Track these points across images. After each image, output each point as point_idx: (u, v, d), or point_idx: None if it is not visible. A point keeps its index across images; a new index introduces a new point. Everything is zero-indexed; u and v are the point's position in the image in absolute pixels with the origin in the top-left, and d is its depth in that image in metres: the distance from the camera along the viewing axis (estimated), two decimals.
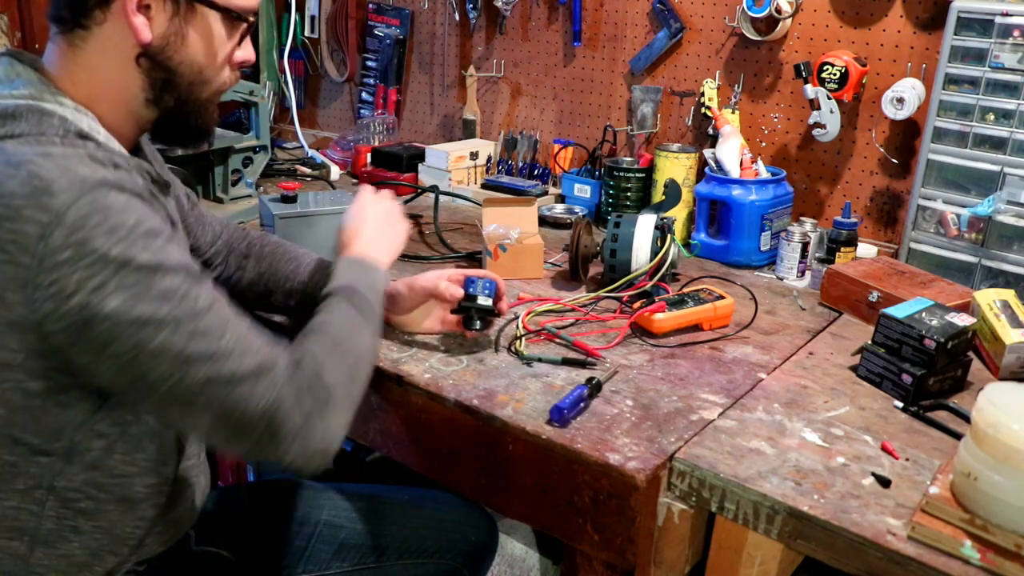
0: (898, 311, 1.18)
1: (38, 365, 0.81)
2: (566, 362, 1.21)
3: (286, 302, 1.30)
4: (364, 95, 2.62)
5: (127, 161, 0.88)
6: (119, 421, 0.89)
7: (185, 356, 0.79)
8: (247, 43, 1.00)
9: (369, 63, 2.57)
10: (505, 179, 2.13)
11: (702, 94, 1.90)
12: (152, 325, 0.77)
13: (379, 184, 2.11)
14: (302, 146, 2.34)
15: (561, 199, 2.07)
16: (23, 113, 0.83)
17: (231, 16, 0.94)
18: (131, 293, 0.76)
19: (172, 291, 0.79)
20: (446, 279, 1.24)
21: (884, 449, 1.02)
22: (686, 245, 1.76)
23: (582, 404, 1.08)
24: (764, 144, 1.88)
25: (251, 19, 0.97)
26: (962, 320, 1.15)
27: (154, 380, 0.79)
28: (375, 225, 1.17)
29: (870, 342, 1.20)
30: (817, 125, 1.70)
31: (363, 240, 1.14)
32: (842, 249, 1.56)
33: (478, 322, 1.21)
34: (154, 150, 1.10)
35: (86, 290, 0.75)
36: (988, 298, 1.29)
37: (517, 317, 1.35)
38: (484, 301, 1.21)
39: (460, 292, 1.23)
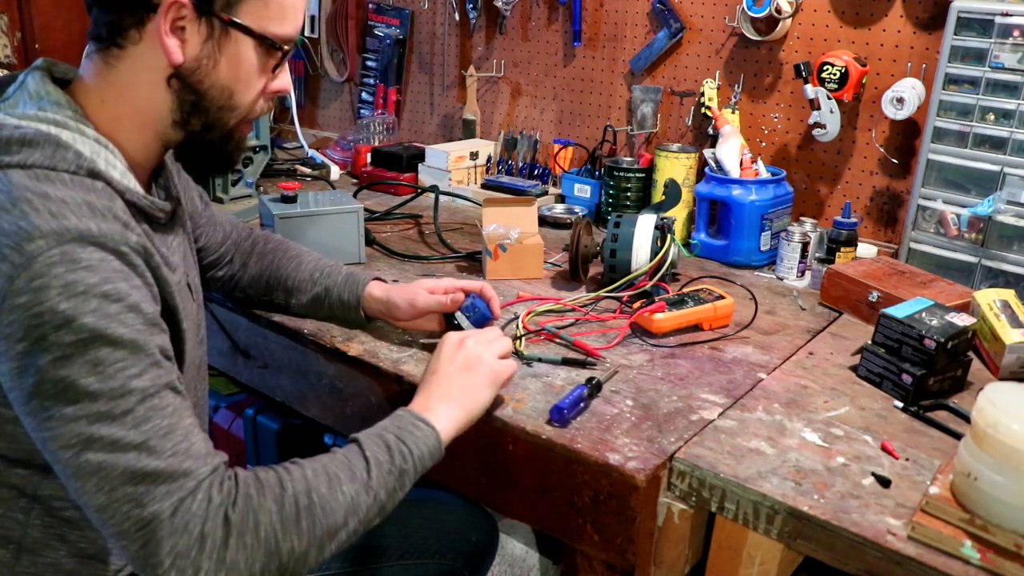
0: (898, 311, 1.18)
1: (4, 396, 0.81)
2: (566, 362, 1.21)
3: (286, 299, 1.31)
4: (364, 95, 2.62)
5: (132, 206, 0.88)
6: None
7: (88, 434, 0.75)
8: (284, 72, 0.97)
9: (369, 63, 2.57)
10: (505, 179, 2.13)
11: (702, 94, 1.90)
12: (73, 390, 0.75)
13: (378, 184, 2.13)
14: (302, 146, 2.34)
15: (561, 199, 2.07)
16: (40, 142, 0.82)
17: (266, 44, 0.92)
18: (64, 353, 0.74)
19: (104, 363, 0.76)
20: (442, 291, 1.25)
21: (884, 449, 1.02)
22: (686, 245, 1.76)
23: (582, 404, 1.08)
24: (764, 144, 1.88)
25: (287, 48, 0.94)
26: (962, 320, 1.15)
27: (58, 447, 0.76)
28: (447, 376, 1.02)
29: (870, 342, 1.20)
30: (817, 125, 1.70)
31: (429, 394, 1.01)
32: (842, 249, 1.56)
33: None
34: (177, 164, 1.10)
35: (30, 339, 0.74)
36: (988, 298, 1.29)
37: (517, 317, 1.35)
38: (466, 327, 1.23)
39: (461, 298, 1.24)
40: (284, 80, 0.98)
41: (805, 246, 1.60)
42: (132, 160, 0.91)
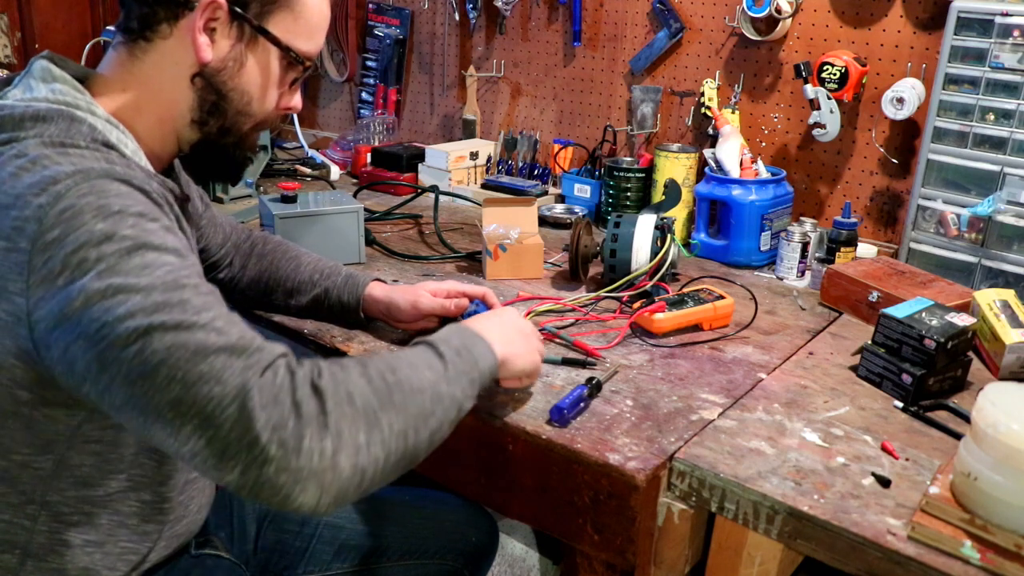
0: (898, 311, 1.18)
1: (25, 374, 0.80)
2: (566, 362, 1.21)
3: (286, 301, 1.31)
4: (364, 95, 2.62)
5: (146, 172, 0.87)
6: (111, 440, 0.88)
7: (147, 323, 0.70)
8: (297, 92, 1.01)
9: (369, 63, 2.57)
10: (505, 179, 2.14)
11: (702, 94, 1.90)
12: (123, 292, 0.71)
13: (378, 184, 2.13)
14: (302, 146, 2.35)
15: (561, 199, 2.07)
16: (54, 117, 0.83)
17: (290, 56, 0.95)
18: (108, 264, 0.72)
19: (152, 264, 0.73)
20: (444, 294, 1.26)
21: (884, 449, 1.02)
22: (686, 245, 1.76)
23: (582, 404, 1.08)
24: (764, 144, 1.88)
25: (307, 64, 0.98)
26: (962, 320, 1.15)
27: (115, 358, 0.70)
28: (500, 323, 1.01)
29: (870, 342, 1.20)
30: (817, 125, 1.70)
31: (481, 325, 0.99)
32: (842, 249, 1.56)
33: None
34: (180, 167, 1.11)
35: (70, 267, 0.72)
36: (988, 298, 1.29)
37: None
38: None
39: (466, 303, 1.24)
40: (297, 99, 1.01)
41: (805, 246, 1.60)
42: (147, 149, 0.93)
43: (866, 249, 1.64)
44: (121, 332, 0.70)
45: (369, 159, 2.27)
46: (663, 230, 1.47)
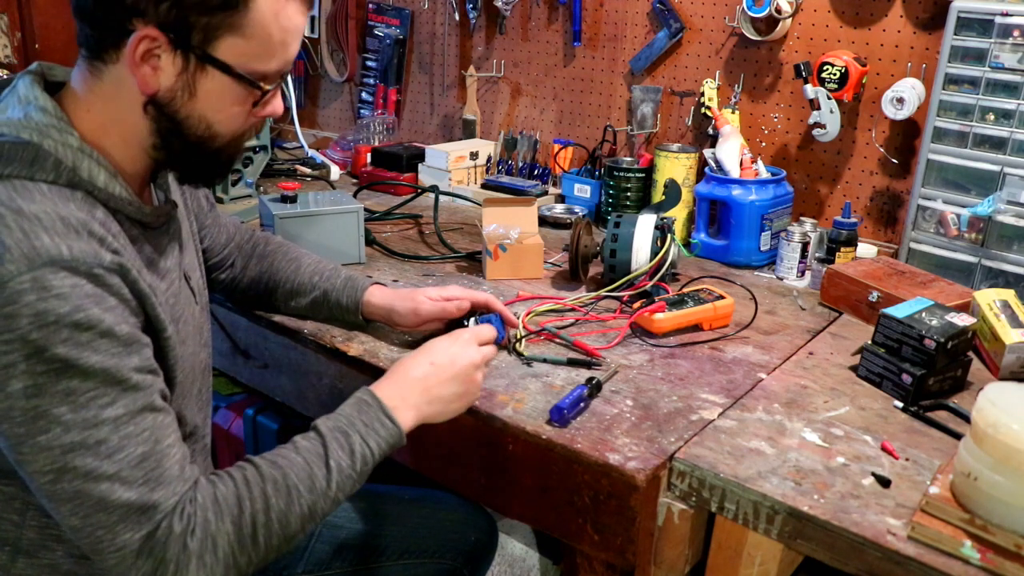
0: (898, 311, 1.18)
1: None
2: (571, 363, 1.21)
3: (286, 302, 1.32)
4: (364, 95, 2.62)
5: (118, 213, 0.87)
6: None
7: (63, 463, 0.77)
8: (276, 98, 0.94)
9: (369, 63, 2.57)
10: (505, 179, 2.13)
11: (702, 94, 1.90)
12: (44, 419, 0.76)
13: (378, 184, 2.13)
14: (302, 146, 2.34)
15: (561, 199, 2.07)
16: (19, 151, 0.81)
17: (245, 82, 0.87)
18: (36, 382, 0.76)
19: (76, 392, 0.77)
20: (444, 298, 1.26)
21: (884, 449, 1.02)
22: (686, 245, 1.77)
23: (582, 404, 1.08)
24: (764, 144, 1.88)
25: (267, 88, 0.90)
26: (962, 320, 1.15)
27: (32, 472, 0.79)
28: (436, 373, 1.01)
29: (870, 342, 1.20)
30: (817, 125, 1.70)
31: (408, 382, 1.00)
32: (842, 249, 1.56)
33: None
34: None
35: (0, 364, 0.75)
36: (988, 298, 1.29)
37: (517, 317, 1.34)
38: None
39: (467, 307, 1.25)
40: (274, 106, 0.94)
41: (805, 246, 1.60)
42: (121, 169, 0.90)
43: (866, 249, 1.64)
44: (38, 459, 0.78)
45: (369, 159, 2.27)
46: (663, 230, 1.47)
